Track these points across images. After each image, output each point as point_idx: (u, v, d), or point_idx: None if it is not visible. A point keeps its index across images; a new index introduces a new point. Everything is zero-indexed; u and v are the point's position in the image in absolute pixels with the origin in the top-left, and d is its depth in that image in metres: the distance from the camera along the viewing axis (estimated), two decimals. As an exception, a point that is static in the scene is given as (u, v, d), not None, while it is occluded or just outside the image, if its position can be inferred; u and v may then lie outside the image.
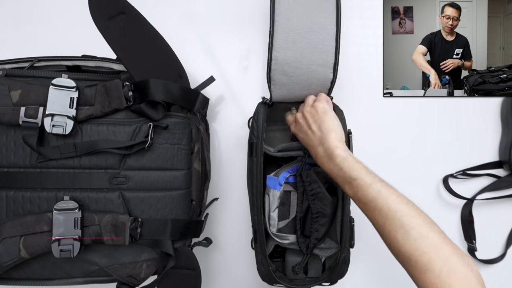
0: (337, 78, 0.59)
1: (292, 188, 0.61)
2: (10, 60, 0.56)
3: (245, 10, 0.72)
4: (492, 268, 0.73)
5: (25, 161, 0.52)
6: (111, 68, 0.58)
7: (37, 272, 0.54)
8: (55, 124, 0.50)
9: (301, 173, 0.60)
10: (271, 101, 0.62)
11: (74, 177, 0.53)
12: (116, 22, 0.52)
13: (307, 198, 0.60)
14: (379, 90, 0.73)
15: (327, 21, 0.57)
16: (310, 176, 0.59)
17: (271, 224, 0.61)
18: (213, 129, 0.72)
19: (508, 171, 0.72)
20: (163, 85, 0.53)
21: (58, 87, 0.51)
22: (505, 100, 0.72)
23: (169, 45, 0.58)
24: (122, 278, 0.54)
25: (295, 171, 0.61)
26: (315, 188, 0.59)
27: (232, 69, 0.72)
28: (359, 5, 0.72)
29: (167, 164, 0.55)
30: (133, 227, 0.53)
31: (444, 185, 0.72)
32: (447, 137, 0.73)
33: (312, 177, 0.59)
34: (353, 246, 0.60)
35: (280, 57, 0.57)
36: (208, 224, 0.69)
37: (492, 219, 0.73)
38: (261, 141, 0.58)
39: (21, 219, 0.51)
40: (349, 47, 0.71)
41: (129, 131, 0.53)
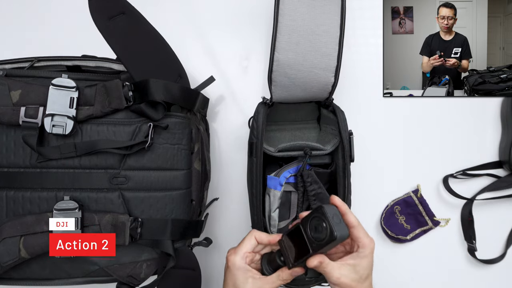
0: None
1: (292, 188, 0.61)
2: (10, 60, 0.56)
3: (245, 10, 0.72)
4: (492, 268, 0.73)
5: (25, 161, 0.52)
6: (111, 68, 0.58)
7: (37, 272, 0.54)
8: (55, 124, 0.50)
9: (301, 174, 0.60)
10: (272, 101, 0.62)
11: (74, 177, 0.53)
12: (116, 22, 0.52)
13: (307, 199, 0.60)
14: (379, 90, 0.73)
15: (331, 23, 0.57)
16: (310, 177, 0.59)
17: (272, 225, 0.61)
18: (213, 129, 0.72)
19: (508, 171, 0.72)
20: (163, 85, 0.53)
21: (58, 87, 0.51)
22: (505, 100, 0.72)
23: (169, 45, 0.58)
24: (122, 278, 0.54)
25: (296, 172, 0.61)
26: (316, 189, 0.59)
27: (232, 69, 0.72)
28: (359, 5, 0.72)
29: (167, 164, 0.55)
30: (133, 227, 0.53)
31: (444, 185, 0.72)
32: (447, 137, 0.73)
33: (313, 177, 0.59)
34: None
35: (282, 59, 0.57)
36: (208, 224, 0.69)
37: (492, 219, 0.73)
38: (261, 141, 0.58)
39: (21, 219, 0.51)
40: (349, 47, 0.71)
41: (129, 131, 0.53)
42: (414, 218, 0.73)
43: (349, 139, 0.59)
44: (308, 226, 0.43)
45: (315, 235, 0.42)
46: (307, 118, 0.71)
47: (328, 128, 0.66)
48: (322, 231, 0.42)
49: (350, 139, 0.59)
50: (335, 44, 0.57)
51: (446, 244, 0.73)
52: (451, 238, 0.73)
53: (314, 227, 0.43)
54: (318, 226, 0.42)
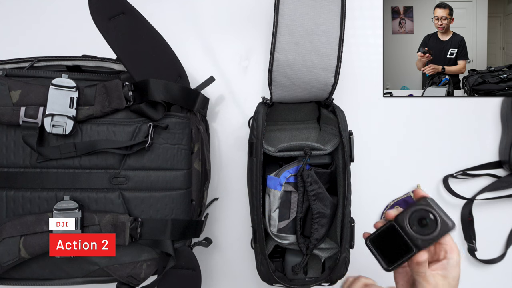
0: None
1: (292, 188, 0.61)
2: (10, 60, 0.56)
3: (245, 10, 0.72)
4: (492, 268, 0.73)
5: (25, 161, 0.52)
6: (111, 68, 0.58)
7: (37, 272, 0.54)
8: (55, 124, 0.50)
9: (302, 174, 0.60)
10: (271, 101, 0.62)
11: (74, 177, 0.53)
12: (116, 22, 0.52)
13: (307, 199, 0.60)
14: (379, 90, 0.73)
15: (331, 23, 0.57)
16: (310, 177, 0.59)
17: (272, 224, 0.61)
18: (213, 129, 0.72)
19: (508, 171, 0.72)
20: (163, 85, 0.53)
21: (58, 87, 0.51)
22: (505, 100, 0.72)
23: (169, 45, 0.58)
24: (122, 278, 0.54)
25: (296, 171, 0.61)
26: (316, 189, 0.59)
27: (232, 69, 0.72)
28: (359, 5, 0.72)
29: (167, 164, 0.55)
30: (133, 227, 0.53)
31: (444, 185, 0.72)
32: (447, 137, 0.73)
33: (313, 177, 0.59)
34: (353, 247, 0.60)
35: (282, 59, 0.57)
36: (208, 224, 0.69)
37: (492, 219, 0.73)
38: (261, 141, 0.58)
39: (21, 219, 0.51)
40: (349, 47, 0.71)
41: (129, 131, 0.53)
42: (414, 218, 0.73)
43: (349, 139, 0.59)
44: (408, 221, 0.40)
45: (421, 229, 0.39)
46: (307, 118, 0.71)
47: (328, 128, 0.66)
48: (430, 223, 0.39)
49: (350, 139, 0.59)
50: (335, 44, 0.57)
51: (446, 244, 0.73)
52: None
53: (418, 221, 0.40)
54: (423, 219, 0.39)
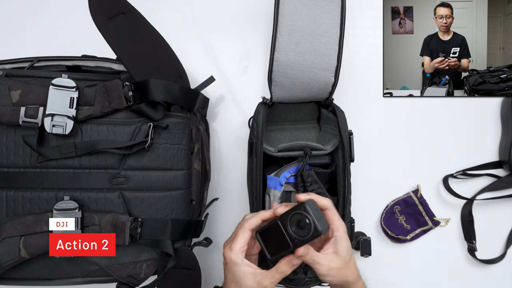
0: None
1: (292, 188, 0.61)
2: (10, 60, 0.56)
3: (245, 10, 0.72)
4: (492, 268, 0.73)
5: (25, 161, 0.52)
6: (111, 68, 0.58)
7: (37, 272, 0.54)
8: (55, 124, 0.50)
9: (302, 174, 0.60)
10: (271, 101, 0.62)
11: (74, 177, 0.53)
12: (116, 22, 0.52)
13: (307, 198, 0.60)
14: (379, 90, 0.73)
15: (331, 23, 0.57)
16: (310, 177, 0.59)
17: (271, 224, 0.61)
18: (213, 129, 0.72)
19: (508, 171, 0.72)
20: (163, 85, 0.53)
21: (58, 87, 0.51)
22: (505, 100, 0.72)
23: (169, 45, 0.58)
24: (122, 278, 0.54)
25: (296, 171, 0.61)
26: (316, 189, 0.59)
27: (232, 69, 0.72)
28: (359, 5, 0.72)
29: (167, 164, 0.55)
30: (133, 227, 0.53)
31: (444, 185, 0.72)
32: (447, 137, 0.73)
33: (313, 177, 0.59)
34: (353, 247, 0.60)
35: (282, 59, 0.57)
36: (208, 224, 0.69)
37: (492, 219, 0.73)
38: (261, 141, 0.58)
39: (21, 219, 0.51)
40: (349, 47, 0.71)
41: (129, 131, 0.53)
42: (414, 218, 0.73)
43: (349, 139, 0.59)
44: (289, 222, 0.44)
45: (298, 231, 0.43)
46: (307, 118, 0.71)
47: (328, 128, 0.66)
48: (306, 227, 0.43)
49: (350, 139, 0.59)
50: (335, 44, 0.57)
51: (446, 244, 0.73)
52: (451, 238, 0.73)
53: (296, 223, 0.43)
54: (300, 222, 0.43)
